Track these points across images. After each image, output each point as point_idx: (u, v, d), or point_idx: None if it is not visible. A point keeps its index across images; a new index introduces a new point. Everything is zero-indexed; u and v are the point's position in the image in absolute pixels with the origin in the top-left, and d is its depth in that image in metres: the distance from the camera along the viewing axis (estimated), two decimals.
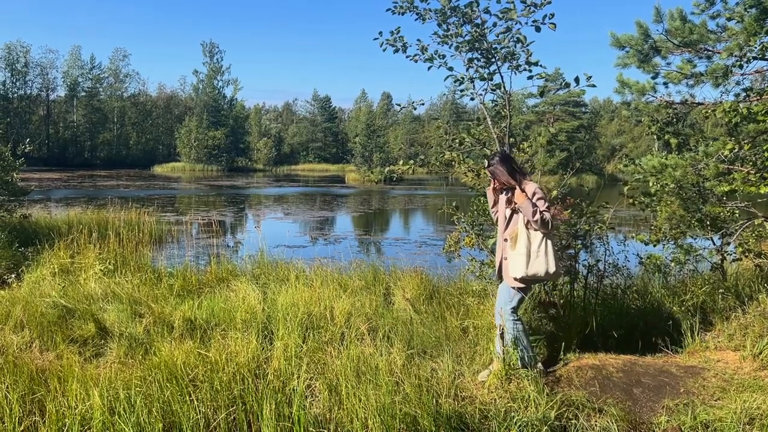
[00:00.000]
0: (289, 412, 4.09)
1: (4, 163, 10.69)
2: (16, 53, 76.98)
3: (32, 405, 4.10)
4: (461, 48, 6.04)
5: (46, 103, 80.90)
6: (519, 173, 4.80)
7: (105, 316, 6.24)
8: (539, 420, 4.15)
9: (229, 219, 22.67)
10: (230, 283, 7.72)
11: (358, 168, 60.07)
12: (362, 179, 54.82)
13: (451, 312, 6.18)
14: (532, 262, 4.68)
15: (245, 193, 37.87)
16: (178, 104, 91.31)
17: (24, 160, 11.11)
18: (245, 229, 20.08)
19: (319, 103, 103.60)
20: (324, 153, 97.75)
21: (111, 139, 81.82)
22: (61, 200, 27.21)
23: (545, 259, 4.66)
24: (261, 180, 55.68)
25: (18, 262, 8.67)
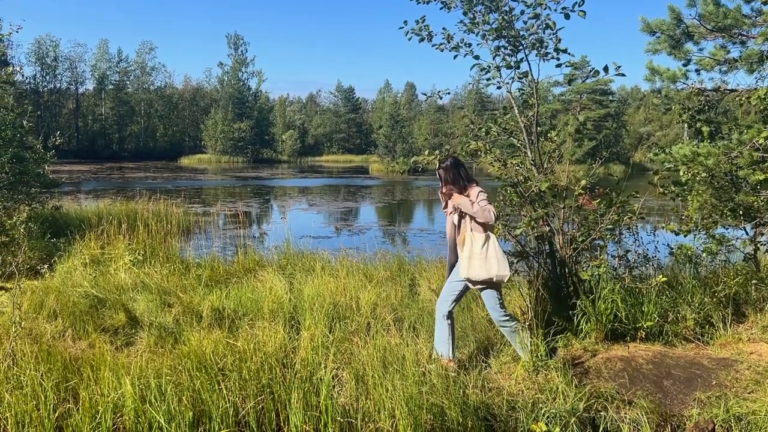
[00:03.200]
0: (317, 402, 4.12)
1: (36, 155, 10.89)
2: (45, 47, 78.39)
3: (66, 393, 4.19)
4: (488, 36, 5.97)
5: (75, 96, 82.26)
6: (465, 180, 4.87)
7: (135, 305, 6.34)
8: (567, 412, 4.12)
9: (255, 210, 22.85)
10: (257, 273, 7.79)
11: (382, 159, 59.96)
12: (386, 170, 54.77)
13: (476, 303, 6.15)
14: (475, 264, 4.71)
15: (270, 184, 38.14)
16: (203, 96, 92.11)
17: (55, 152, 11.30)
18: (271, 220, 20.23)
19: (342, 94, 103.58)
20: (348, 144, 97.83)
21: (138, 131, 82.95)
22: (90, 192, 27.71)
23: (485, 262, 4.68)
24: (286, 171, 56.00)
25: (50, 253, 8.85)
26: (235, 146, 74.99)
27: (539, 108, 6.10)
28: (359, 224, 19.13)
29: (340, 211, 22.85)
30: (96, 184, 33.79)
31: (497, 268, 4.66)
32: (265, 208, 24.30)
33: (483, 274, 4.67)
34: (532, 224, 5.79)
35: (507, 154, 6.42)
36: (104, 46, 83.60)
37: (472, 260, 4.71)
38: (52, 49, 79.06)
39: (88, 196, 24.82)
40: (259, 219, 20.43)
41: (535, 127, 5.90)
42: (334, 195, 30.23)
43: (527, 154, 6.13)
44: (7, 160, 10.28)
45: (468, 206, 4.70)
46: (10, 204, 9.88)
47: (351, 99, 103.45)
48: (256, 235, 15.70)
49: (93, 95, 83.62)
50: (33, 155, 10.87)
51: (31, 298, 6.42)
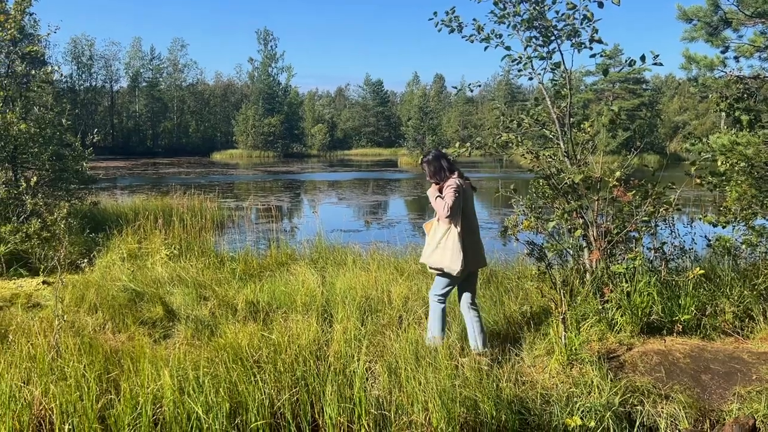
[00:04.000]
0: (350, 394, 4.16)
1: (74, 153, 11.16)
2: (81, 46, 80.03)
3: (108, 384, 4.30)
4: (519, 27, 5.92)
5: (110, 94, 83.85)
6: (446, 171, 4.98)
7: (172, 299, 6.47)
8: (603, 406, 4.09)
9: (286, 204, 23.06)
10: (290, 267, 7.87)
11: (411, 152, 59.88)
12: (415, 163, 54.64)
13: (509, 296, 6.12)
14: (432, 252, 4.94)
15: (300, 178, 38.40)
16: (234, 92, 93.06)
17: (92, 149, 11.56)
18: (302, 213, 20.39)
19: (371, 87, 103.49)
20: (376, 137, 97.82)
21: (171, 127, 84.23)
22: (126, 187, 28.29)
23: (441, 252, 4.87)
24: (315, 165, 56.31)
25: (89, 248, 9.08)
26: (266, 141, 75.65)
27: (572, 98, 6.03)
28: (389, 218, 19.15)
29: (370, 204, 22.91)
30: (131, 180, 34.48)
31: (449, 260, 4.82)
32: (295, 202, 24.51)
33: (437, 263, 4.92)
34: (566, 216, 5.73)
35: (538, 145, 6.36)
36: (137, 44, 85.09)
37: (431, 247, 4.96)
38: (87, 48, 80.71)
39: (123, 191, 25.35)
40: (290, 213, 20.61)
41: (568, 118, 5.83)
42: (364, 188, 30.30)
43: (560, 145, 6.06)
44: (47, 158, 10.57)
45: (431, 198, 4.96)
46: (50, 200, 10.15)
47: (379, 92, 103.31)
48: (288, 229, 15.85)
49: (127, 92, 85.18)
50: (72, 153, 11.14)
51: (72, 291, 6.60)
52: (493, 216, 19.05)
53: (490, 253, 8.18)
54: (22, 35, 11.73)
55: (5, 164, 10.23)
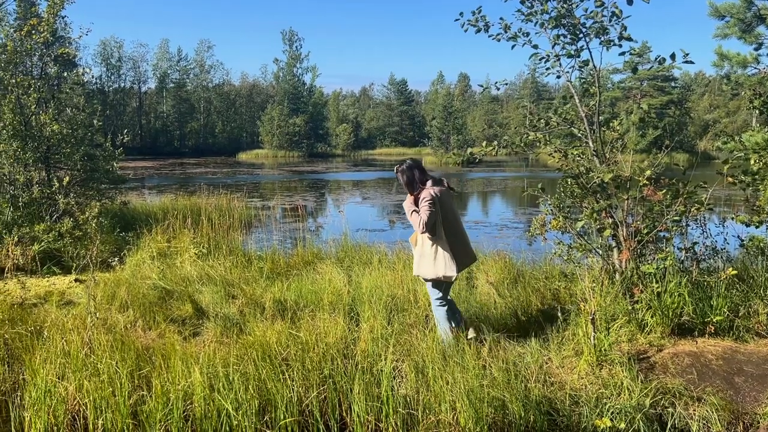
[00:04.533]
0: (378, 392, 4.17)
1: (105, 153, 11.37)
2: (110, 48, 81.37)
3: (139, 380, 4.38)
4: (546, 25, 5.87)
5: (138, 95, 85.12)
6: (419, 182, 5.02)
7: (201, 297, 6.56)
8: (633, 407, 4.04)
9: (311, 203, 23.18)
10: (316, 266, 7.91)
11: (435, 151, 59.65)
12: (439, 162, 54.47)
13: (537, 296, 6.08)
14: (420, 262, 5.02)
15: (325, 178, 38.56)
16: (260, 93, 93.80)
17: (122, 150, 11.75)
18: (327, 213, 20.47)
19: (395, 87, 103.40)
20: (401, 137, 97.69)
21: (198, 128, 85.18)
22: (154, 187, 28.70)
23: (433, 262, 4.91)
24: (340, 165, 56.48)
25: (120, 247, 9.24)
26: (291, 141, 76.10)
27: (600, 96, 5.96)
28: None
29: (394, 204, 22.90)
30: (159, 180, 34.97)
31: (443, 268, 4.88)
32: (320, 201, 24.62)
33: (431, 273, 4.94)
34: (594, 216, 5.67)
35: (564, 144, 6.30)
36: (165, 46, 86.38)
37: (422, 258, 5.00)
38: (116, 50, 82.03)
39: (152, 191, 25.74)
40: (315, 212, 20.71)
41: (597, 116, 5.76)
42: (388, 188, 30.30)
43: (588, 144, 6.00)
44: (79, 158, 10.77)
45: (407, 211, 5.01)
46: (82, 200, 10.34)
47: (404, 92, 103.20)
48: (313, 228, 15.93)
49: (155, 93, 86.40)
50: (102, 153, 11.34)
51: (104, 289, 6.72)
52: (519, 215, 18.91)
53: (516, 253, 8.16)
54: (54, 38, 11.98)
55: (39, 164, 10.46)
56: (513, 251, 8.30)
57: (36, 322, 5.60)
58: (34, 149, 10.16)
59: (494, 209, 21.31)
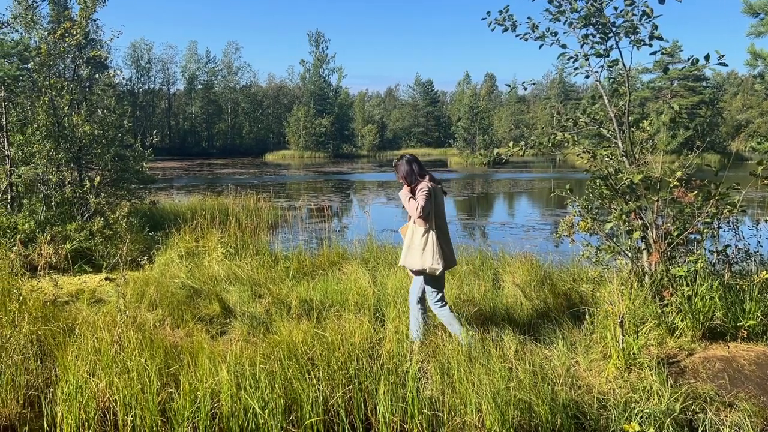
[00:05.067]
0: (403, 393, 4.17)
1: (135, 154, 11.57)
2: (140, 50, 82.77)
3: (168, 378, 4.44)
4: (575, 24, 5.81)
5: (167, 96, 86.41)
6: (415, 175, 5.13)
7: (228, 296, 6.62)
8: (663, 412, 3.97)
9: (336, 204, 23.26)
10: (341, 266, 7.94)
11: (461, 152, 59.42)
12: (465, 163, 54.26)
13: (564, 299, 6.01)
14: (407, 253, 5.08)
15: (350, 178, 38.67)
16: (286, 94, 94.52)
17: (152, 150, 11.96)
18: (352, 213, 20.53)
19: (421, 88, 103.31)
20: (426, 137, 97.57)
21: (226, 129, 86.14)
22: (182, 187, 29.10)
23: (421, 253, 4.99)
24: (365, 165, 56.59)
25: (149, 246, 9.38)
26: (317, 142, 76.53)
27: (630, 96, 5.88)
28: None
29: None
30: (187, 180, 35.44)
31: (431, 260, 4.96)
32: (346, 202, 24.70)
33: (417, 264, 5.02)
34: (624, 218, 5.59)
35: (592, 144, 6.22)
36: (193, 48, 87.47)
37: (410, 250, 5.07)
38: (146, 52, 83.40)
39: (180, 191, 26.10)
40: (340, 213, 20.78)
41: (627, 116, 5.68)
42: None
43: (617, 144, 5.92)
44: (110, 159, 10.98)
45: (404, 199, 5.08)
46: (112, 200, 10.54)
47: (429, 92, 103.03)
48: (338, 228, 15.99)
49: (183, 95, 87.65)
50: (132, 153, 11.55)
51: (133, 288, 6.83)
52: (546, 217, 18.73)
53: (543, 255, 8.08)
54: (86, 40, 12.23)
55: (71, 165, 10.69)
56: (540, 253, 8.22)
57: (68, 319, 5.72)
58: (66, 150, 10.39)
59: (520, 210, 21.14)
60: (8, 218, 9.03)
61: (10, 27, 13.13)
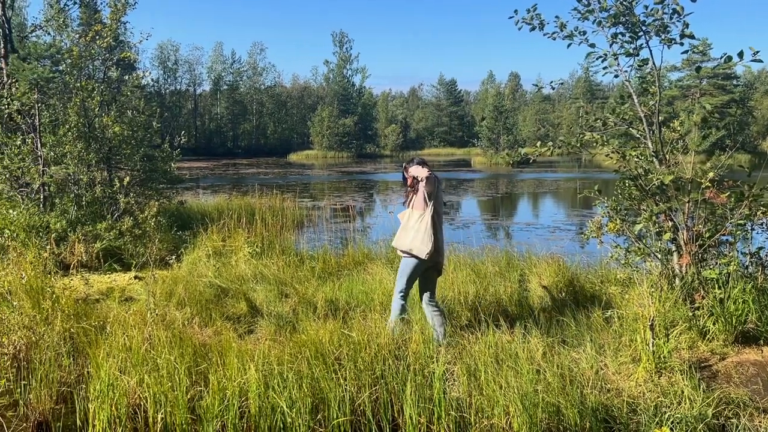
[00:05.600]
0: (430, 394, 4.16)
1: (163, 154, 11.73)
2: (167, 52, 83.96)
3: (197, 376, 4.49)
4: (604, 23, 5.74)
5: (194, 97, 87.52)
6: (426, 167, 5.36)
7: (255, 295, 6.68)
8: (694, 417, 3.90)
9: (360, 204, 23.31)
10: (366, 266, 7.95)
11: (485, 151, 59.11)
12: (489, 162, 53.97)
13: (592, 301, 5.95)
14: (400, 235, 5.29)
15: (374, 178, 38.72)
16: (310, 94, 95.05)
17: (179, 151, 12.11)
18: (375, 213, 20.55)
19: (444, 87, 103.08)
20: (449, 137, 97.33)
21: (250, 129, 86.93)
22: (208, 187, 29.43)
23: (412, 235, 5.17)
24: (388, 165, 56.61)
25: (177, 245, 9.50)
26: (341, 142, 76.84)
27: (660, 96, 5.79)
28: (462, 218, 19.01)
29: None
30: (213, 180, 35.83)
31: (420, 242, 5.11)
32: (369, 202, 24.74)
33: (407, 245, 5.19)
34: (654, 219, 5.51)
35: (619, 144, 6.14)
36: (219, 49, 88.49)
37: (404, 231, 5.26)
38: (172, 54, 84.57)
39: (206, 191, 26.40)
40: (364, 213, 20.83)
41: (657, 116, 5.59)
42: None
43: (647, 144, 5.83)
44: (139, 159, 11.15)
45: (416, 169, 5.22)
46: (141, 199, 10.70)
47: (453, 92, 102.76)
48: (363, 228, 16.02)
49: (209, 96, 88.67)
50: (161, 154, 11.71)
51: (162, 286, 6.92)
52: (571, 217, 18.54)
53: (570, 256, 8.00)
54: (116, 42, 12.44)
55: (101, 165, 10.88)
56: (567, 254, 8.15)
57: (99, 317, 5.82)
58: (96, 150, 10.58)
59: (546, 211, 20.96)
60: (41, 217, 9.22)
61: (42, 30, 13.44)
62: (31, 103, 10.21)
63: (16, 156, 10.05)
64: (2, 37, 13.74)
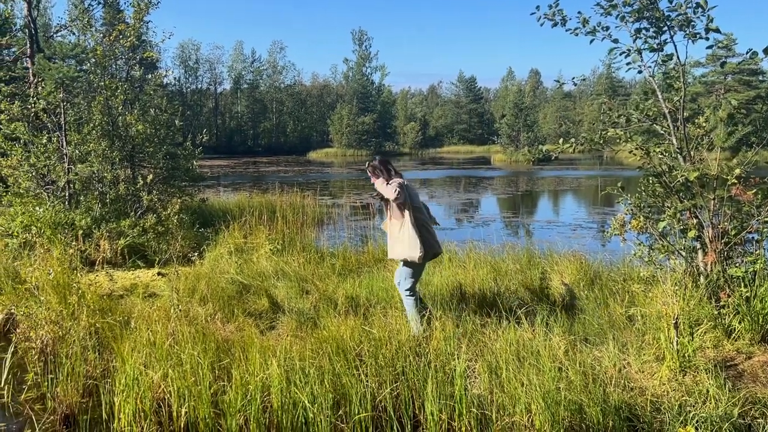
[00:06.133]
0: (451, 391, 4.16)
1: (185, 152, 11.85)
2: (188, 51, 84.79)
3: (220, 371, 4.54)
4: (627, 18, 5.67)
5: (214, 96, 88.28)
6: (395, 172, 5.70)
7: (276, 292, 6.73)
8: (720, 417, 3.85)
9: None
10: (386, 263, 7.96)
11: (505, 149, 58.79)
12: (509, 160, 53.66)
13: (614, 299, 5.89)
14: (393, 246, 5.52)
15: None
16: (330, 92, 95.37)
17: (201, 149, 12.23)
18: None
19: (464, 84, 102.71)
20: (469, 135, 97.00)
21: (270, 127, 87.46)
22: (229, 185, 29.66)
23: (401, 244, 5.40)
24: (407, 163, 56.55)
25: (199, 242, 9.60)
26: (360, 140, 77.01)
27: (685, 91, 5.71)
28: (482, 216, 18.93)
29: (462, 202, 22.74)
30: (234, 178, 36.09)
31: (409, 248, 5.36)
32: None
33: (399, 255, 5.45)
34: (678, 216, 5.44)
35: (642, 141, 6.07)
36: (239, 48, 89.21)
37: (393, 243, 5.52)
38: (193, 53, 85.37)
39: (227, 189, 26.61)
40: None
41: (682, 112, 5.52)
42: (455, 186, 30.12)
43: (672, 141, 5.76)
44: (161, 157, 11.28)
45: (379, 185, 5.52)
46: (164, 197, 10.83)
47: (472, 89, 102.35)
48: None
49: (230, 94, 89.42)
50: (183, 152, 11.83)
51: (185, 283, 7.00)
52: (593, 215, 18.37)
53: (593, 254, 7.94)
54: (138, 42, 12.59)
55: (124, 163, 11.02)
56: (589, 252, 8.08)
57: (123, 312, 5.90)
58: (120, 148, 10.72)
59: (567, 208, 20.78)
60: (66, 214, 9.37)
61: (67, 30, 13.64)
62: (57, 102, 10.37)
63: (42, 154, 10.23)
64: (29, 37, 14.00)
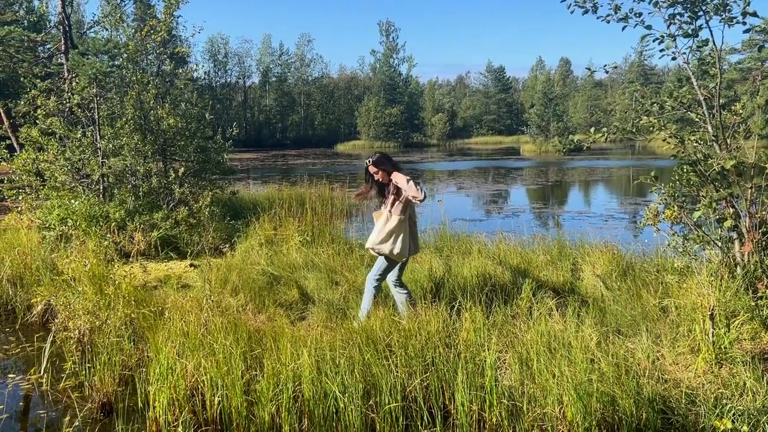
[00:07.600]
0: (481, 382, 4.15)
1: (216, 145, 11.99)
2: (217, 45, 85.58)
3: (252, 361, 4.60)
4: (661, 4, 5.54)
5: (243, 89, 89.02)
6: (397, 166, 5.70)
7: (306, 283, 6.78)
8: (757, 410, 3.77)
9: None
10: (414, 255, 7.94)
11: (534, 139, 58.10)
12: (538, 150, 53.03)
13: (647, 290, 5.80)
14: (378, 237, 5.49)
15: (420, 168, 38.61)
16: (357, 84, 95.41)
17: (231, 142, 12.36)
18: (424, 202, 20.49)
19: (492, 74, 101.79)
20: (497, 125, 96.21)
21: (299, 120, 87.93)
22: (258, 178, 29.94)
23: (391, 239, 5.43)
24: (435, 155, 56.34)
25: (230, 234, 9.72)
26: (387, 131, 76.95)
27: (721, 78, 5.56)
28: (511, 207, 18.77)
29: (491, 193, 22.58)
30: (263, 171, 36.42)
31: (399, 248, 5.42)
32: None
33: (385, 249, 5.45)
34: (714, 206, 5.32)
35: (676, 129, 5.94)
36: (267, 41, 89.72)
37: (380, 234, 5.47)
38: (222, 47, 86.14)
39: (257, 181, 26.87)
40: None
41: (717, 99, 5.38)
42: (484, 177, 29.91)
43: (707, 129, 5.62)
44: (193, 150, 11.43)
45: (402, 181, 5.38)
46: (195, 190, 10.98)
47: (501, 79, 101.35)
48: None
49: (258, 88, 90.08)
50: (214, 145, 11.97)
51: (216, 274, 7.10)
52: (625, 206, 18.06)
53: (625, 245, 7.82)
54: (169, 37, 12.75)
55: (156, 156, 11.19)
56: (622, 242, 7.96)
57: (157, 303, 6.02)
58: (152, 142, 10.89)
59: (598, 199, 20.48)
60: (101, 207, 9.57)
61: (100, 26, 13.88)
62: (91, 97, 10.58)
63: (77, 148, 10.45)
64: (63, 33, 14.28)
